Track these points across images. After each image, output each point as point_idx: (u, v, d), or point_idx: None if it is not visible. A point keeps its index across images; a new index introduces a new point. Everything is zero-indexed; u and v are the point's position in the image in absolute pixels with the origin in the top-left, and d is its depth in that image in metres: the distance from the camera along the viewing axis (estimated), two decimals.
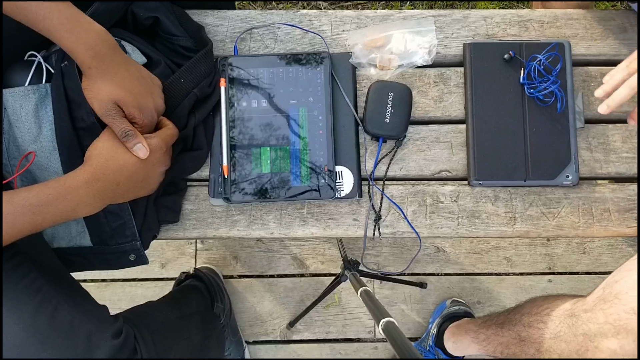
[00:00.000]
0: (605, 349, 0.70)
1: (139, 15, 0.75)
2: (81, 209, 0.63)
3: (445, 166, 0.81)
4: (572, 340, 0.75)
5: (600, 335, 0.71)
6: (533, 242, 1.37)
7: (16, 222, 0.58)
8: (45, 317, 0.62)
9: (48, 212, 0.60)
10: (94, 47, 0.62)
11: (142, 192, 0.71)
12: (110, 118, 0.64)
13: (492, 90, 0.81)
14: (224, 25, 0.84)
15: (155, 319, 0.82)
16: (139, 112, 0.66)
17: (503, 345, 0.90)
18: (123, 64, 0.66)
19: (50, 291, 0.64)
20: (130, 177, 0.66)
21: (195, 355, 0.89)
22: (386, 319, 0.62)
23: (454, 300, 1.30)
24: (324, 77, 0.80)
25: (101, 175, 0.63)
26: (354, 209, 0.80)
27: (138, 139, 0.65)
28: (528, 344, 0.83)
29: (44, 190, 0.60)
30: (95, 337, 0.64)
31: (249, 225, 0.80)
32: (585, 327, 0.73)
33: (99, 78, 0.63)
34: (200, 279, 1.19)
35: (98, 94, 0.64)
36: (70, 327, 0.63)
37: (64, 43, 0.61)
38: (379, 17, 0.84)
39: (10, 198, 0.58)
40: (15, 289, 0.62)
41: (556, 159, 0.79)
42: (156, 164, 0.69)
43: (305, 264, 1.35)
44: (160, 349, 0.71)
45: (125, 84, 0.65)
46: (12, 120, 0.68)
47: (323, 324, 1.32)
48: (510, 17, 0.85)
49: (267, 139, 0.79)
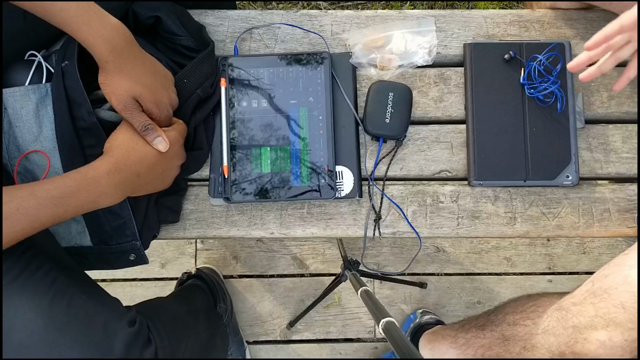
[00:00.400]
0: (595, 340, 0.71)
1: (140, 15, 0.75)
2: (102, 200, 0.63)
3: (445, 166, 0.81)
4: (561, 333, 0.76)
5: (590, 328, 0.72)
6: (533, 242, 1.37)
7: (39, 215, 0.58)
8: (62, 306, 0.62)
9: (70, 203, 0.60)
10: (111, 40, 0.62)
11: (161, 185, 0.72)
12: (130, 113, 0.65)
13: (492, 90, 0.81)
14: (224, 25, 0.84)
15: (166, 311, 0.83)
16: (156, 107, 0.67)
17: (485, 347, 0.90)
18: (140, 59, 0.67)
19: (65, 282, 0.64)
20: (150, 169, 0.67)
21: (203, 352, 0.89)
22: (386, 319, 0.62)
23: (424, 311, 1.29)
24: (324, 77, 0.80)
25: (123, 166, 0.64)
26: (354, 209, 0.80)
27: (158, 132, 0.67)
28: (513, 343, 0.83)
29: (66, 182, 0.60)
30: (111, 325, 0.64)
31: (249, 225, 0.80)
32: (575, 319, 0.74)
33: (117, 73, 0.64)
34: (203, 279, 1.19)
35: (117, 90, 0.64)
36: (87, 316, 0.63)
37: (80, 35, 0.62)
38: (379, 17, 0.84)
39: (33, 191, 0.58)
40: (31, 280, 0.62)
41: (556, 159, 0.79)
42: (174, 157, 0.71)
43: (305, 264, 1.35)
44: (172, 339, 0.72)
45: (142, 80, 0.66)
46: (13, 120, 0.68)
47: (323, 324, 1.32)
48: (511, 17, 0.85)
49: (267, 139, 0.79)
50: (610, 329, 0.70)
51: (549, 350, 0.77)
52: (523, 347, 0.82)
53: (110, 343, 0.62)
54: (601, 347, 0.71)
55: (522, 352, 0.82)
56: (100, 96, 0.71)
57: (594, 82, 0.83)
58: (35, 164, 0.70)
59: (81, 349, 0.60)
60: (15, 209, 0.57)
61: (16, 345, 0.58)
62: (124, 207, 0.70)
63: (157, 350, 0.67)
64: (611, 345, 0.70)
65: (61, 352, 0.59)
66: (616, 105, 0.82)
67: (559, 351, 0.76)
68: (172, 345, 0.71)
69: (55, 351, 0.59)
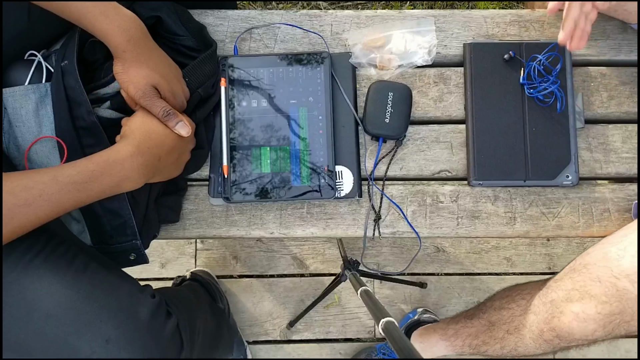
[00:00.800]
0: (569, 312, 0.72)
1: (140, 15, 0.75)
2: (125, 184, 0.63)
3: (445, 166, 0.81)
4: (540, 310, 0.76)
5: (566, 301, 0.73)
6: (533, 242, 1.37)
7: (61, 200, 0.58)
8: (86, 277, 0.62)
9: (92, 188, 0.60)
10: (128, 30, 0.63)
11: (176, 171, 0.73)
12: (149, 99, 0.66)
13: (492, 90, 0.81)
14: (224, 25, 0.84)
15: (179, 294, 0.84)
16: (172, 96, 0.68)
17: (472, 336, 0.90)
18: (155, 49, 0.68)
19: (85, 258, 0.64)
20: (169, 153, 0.68)
21: (212, 339, 0.90)
22: (386, 319, 0.62)
23: (425, 310, 1.29)
24: (324, 77, 0.80)
25: (145, 149, 0.64)
26: (353, 208, 0.80)
27: (179, 117, 0.68)
28: (497, 327, 0.84)
29: (88, 166, 0.60)
30: (135, 294, 0.65)
31: (249, 225, 0.80)
32: (554, 294, 0.75)
33: (134, 62, 0.64)
34: (198, 281, 1.19)
35: (134, 77, 0.65)
36: (111, 285, 0.64)
37: (98, 26, 0.62)
38: (379, 17, 0.84)
39: (55, 177, 0.58)
40: (53, 256, 0.62)
41: (556, 159, 0.79)
42: (189, 142, 0.73)
43: (305, 264, 1.35)
44: (190, 316, 0.73)
45: (159, 69, 0.67)
46: (12, 119, 0.68)
47: (323, 324, 1.33)
48: (510, 17, 0.85)
49: (267, 139, 0.79)
50: (585, 301, 0.71)
51: (530, 329, 0.78)
52: (506, 331, 0.82)
53: (136, 310, 0.63)
54: (575, 319, 0.71)
55: (506, 336, 0.82)
56: (100, 96, 0.72)
57: (594, 82, 0.83)
58: (35, 163, 0.70)
59: (109, 316, 0.60)
60: (39, 195, 0.57)
61: (44, 316, 0.58)
62: (124, 206, 0.70)
63: (178, 322, 0.67)
64: (584, 317, 0.71)
65: (90, 318, 0.59)
66: (616, 105, 0.82)
67: (538, 329, 0.76)
68: (190, 322, 0.72)
69: (83, 318, 0.59)
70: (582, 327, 0.71)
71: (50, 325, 0.58)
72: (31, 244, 0.61)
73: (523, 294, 0.82)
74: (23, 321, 0.57)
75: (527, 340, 0.79)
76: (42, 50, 0.71)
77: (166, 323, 0.65)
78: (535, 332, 0.77)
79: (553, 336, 0.75)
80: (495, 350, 0.85)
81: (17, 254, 0.59)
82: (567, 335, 0.73)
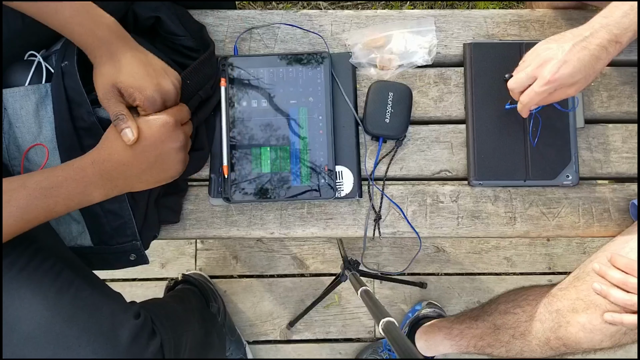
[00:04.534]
0: (576, 323, 0.72)
1: (140, 15, 0.75)
2: (91, 191, 0.63)
3: (445, 166, 0.81)
4: (546, 319, 0.76)
5: (572, 311, 0.73)
6: (533, 242, 1.37)
7: (30, 206, 0.58)
8: (68, 297, 0.62)
9: (59, 194, 0.60)
10: (102, 38, 0.62)
11: (163, 174, 0.67)
12: (107, 101, 0.64)
13: (492, 90, 0.81)
14: (224, 25, 0.84)
15: (166, 307, 0.83)
16: (139, 92, 0.63)
17: (477, 338, 0.90)
18: (131, 51, 0.65)
19: (70, 275, 0.64)
20: (136, 157, 0.63)
21: (201, 349, 0.89)
22: (386, 319, 0.62)
23: (429, 303, 1.29)
24: (324, 77, 0.80)
25: (106, 155, 0.63)
26: (354, 209, 0.80)
27: (127, 123, 0.63)
28: (503, 331, 0.84)
29: (55, 172, 0.61)
30: (117, 316, 0.64)
31: (249, 225, 0.80)
32: (559, 303, 0.76)
33: (105, 65, 0.63)
34: (191, 283, 1.19)
35: (99, 79, 0.64)
36: (94, 306, 0.63)
37: (75, 37, 0.62)
38: (379, 17, 0.84)
39: (24, 183, 0.59)
40: (37, 272, 0.62)
41: (556, 159, 0.79)
42: (166, 141, 0.65)
43: (305, 264, 1.35)
44: (174, 334, 0.72)
45: (127, 69, 0.64)
46: (12, 120, 0.68)
47: (323, 324, 1.32)
48: (511, 17, 0.85)
49: (267, 139, 0.79)
50: (590, 312, 0.71)
51: (536, 337, 0.78)
52: (512, 336, 0.82)
53: (117, 333, 0.62)
54: (581, 330, 0.72)
55: (511, 340, 0.82)
56: None
57: (594, 82, 0.83)
58: (35, 164, 0.70)
59: (88, 340, 0.60)
60: (7, 200, 0.57)
61: (23, 338, 0.58)
62: (124, 207, 0.70)
63: (162, 342, 0.67)
64: (591, 328, 0.71)
65: (68, 343, 0.59)
66: (616, 105, 0.82)
67: (544, 337, 0.77)
68: (175, 339, 0.71)
69: (62, 342, 0.59)
70: (589, 338, 0.71)
71: (29, 347, 0.58)
72: (16, 258, 0.61)
73: (528, 300, 0.82)
74: (2, 342, 0.58)
75: (533, 346, 0.79)
76: (42, 51, 0.71)
77: (148, 346, 0.64)
78: (542, 340, 0.77)
79: (560, 344, 0.75)
80: (501, 353, 0.85)
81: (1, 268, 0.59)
82: (574, 344, 0.73)
